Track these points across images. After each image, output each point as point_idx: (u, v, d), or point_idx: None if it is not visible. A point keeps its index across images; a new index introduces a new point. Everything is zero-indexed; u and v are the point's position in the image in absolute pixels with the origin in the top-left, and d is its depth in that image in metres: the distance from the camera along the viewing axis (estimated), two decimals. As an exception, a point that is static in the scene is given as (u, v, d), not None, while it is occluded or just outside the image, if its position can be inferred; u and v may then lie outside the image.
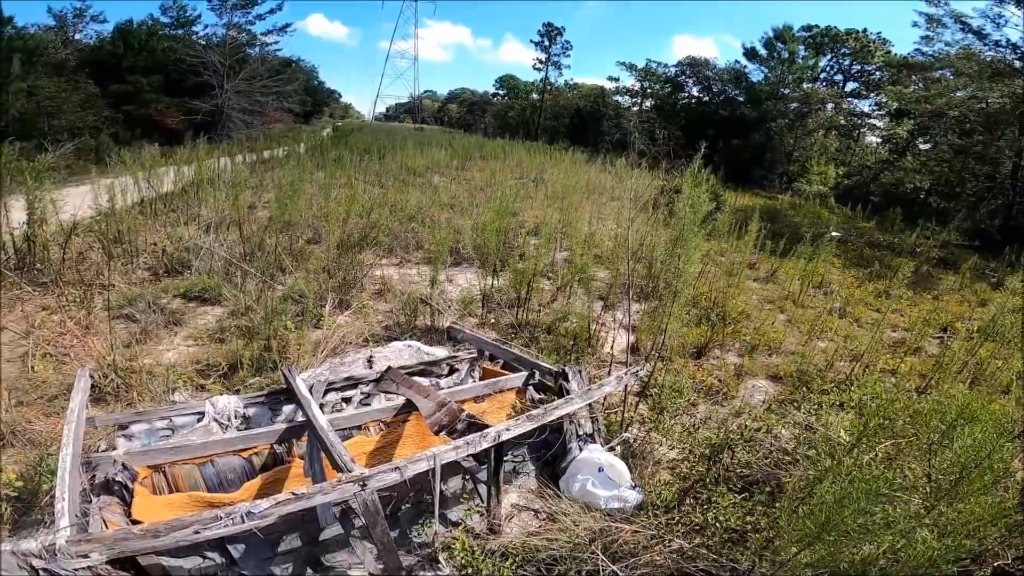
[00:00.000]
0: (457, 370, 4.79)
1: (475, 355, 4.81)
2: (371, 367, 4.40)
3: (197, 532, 2.27)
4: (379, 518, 2.79)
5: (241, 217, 7.93)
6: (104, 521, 2.74)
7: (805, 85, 20.45)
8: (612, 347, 6.09)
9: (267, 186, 12.33)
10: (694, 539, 3.04)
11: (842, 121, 21.27)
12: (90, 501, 2.84)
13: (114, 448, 3.28)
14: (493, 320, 6.41)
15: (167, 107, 23.86)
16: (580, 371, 4.12)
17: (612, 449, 3.99)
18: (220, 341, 5.58)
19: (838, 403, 5.01)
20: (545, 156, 18.77)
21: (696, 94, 27.74)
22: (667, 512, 3.36)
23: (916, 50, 17.55)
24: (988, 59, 15.25)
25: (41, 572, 2.01)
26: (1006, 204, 15.11)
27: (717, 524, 3.16)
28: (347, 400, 4.12)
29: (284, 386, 3.83)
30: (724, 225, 9.35)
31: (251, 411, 3.84)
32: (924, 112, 16.70)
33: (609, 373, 5.17)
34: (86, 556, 2.10)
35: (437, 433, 3.30)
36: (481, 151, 20.94)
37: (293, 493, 2.51)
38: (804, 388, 6.38)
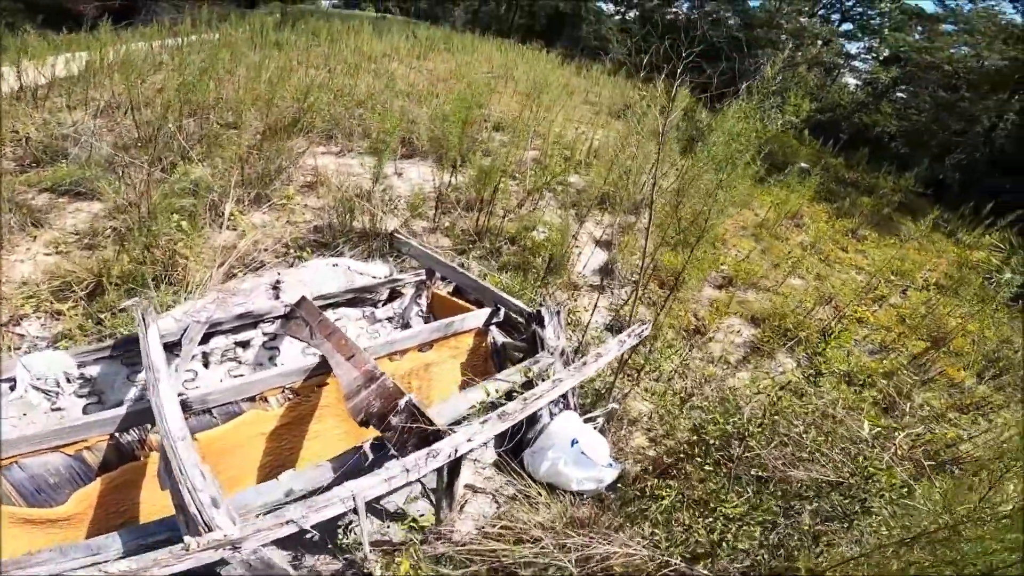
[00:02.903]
0: (400, 295, 3.53)
1: (422, 277, 3.54)
2: (277, 297, 3.06)
3: None
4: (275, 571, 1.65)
5: (134, 98, 5.98)
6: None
7: (802, 19, 18.79)
8: (584, 267, 4.98)
9: (187, 69, 10.02)
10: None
11: (827, 60, 20.00)
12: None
13: None
14: (448, 224, 5.07)
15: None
16: (559, 312, 2.95)
17: (592, 420, 2.94)
18: (90, 248, 4.06)
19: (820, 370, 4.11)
20: (517, 54, 16.63)
21: (684, 11, 25.25)
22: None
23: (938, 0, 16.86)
24: (1004, 22, 14.62)
25: None
26: (971, 160, 14.76)
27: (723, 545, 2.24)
28: (244, 345, 2.82)
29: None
30: (718, 146, 8.14)
31: (94, 370, 2.54)
32: (920, 62, 15.87)
33: (576, 298, 4.05)
34: None
35: (363, 424, 2.08)
36: (447, 44, 18.47)
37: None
38: (784, 336, 5.60)
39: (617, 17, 27.09)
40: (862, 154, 14.83)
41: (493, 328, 3.09)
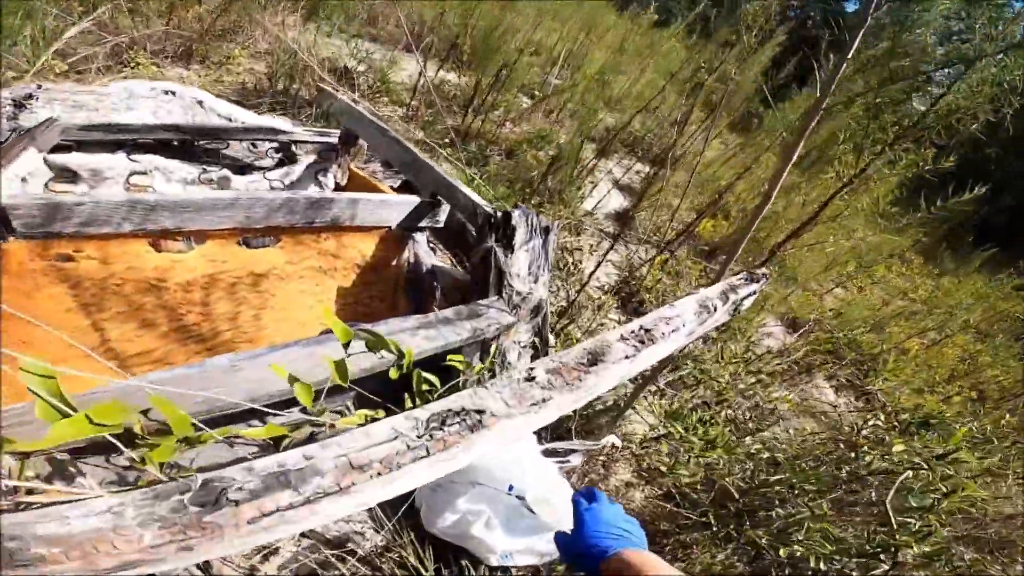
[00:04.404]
0: (292, 160, 1.99)
1: (333, 140, 1.99)
2: (16, 118, 1.49)
3: None
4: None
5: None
6: None
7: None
8: (595, 207, 3.43)
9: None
10: None
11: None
12: None
13: None
14: (429, 118, 3.46)
15: None
16: (547, 230, 1.42)
17: (560, 455, 1.44)
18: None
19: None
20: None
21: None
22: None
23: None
24: None
25: None
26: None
27: None
28: None
29: None
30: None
31: None
32: (1015, 88, 13.77)
33: (580, 242, 2.49)
34: None
35: None
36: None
37: None
38: (829, 353, 4.16)
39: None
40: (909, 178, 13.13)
41: (419, 237, 1.57)
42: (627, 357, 0.64)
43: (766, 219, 4.85)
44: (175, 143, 1.74)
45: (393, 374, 0.79)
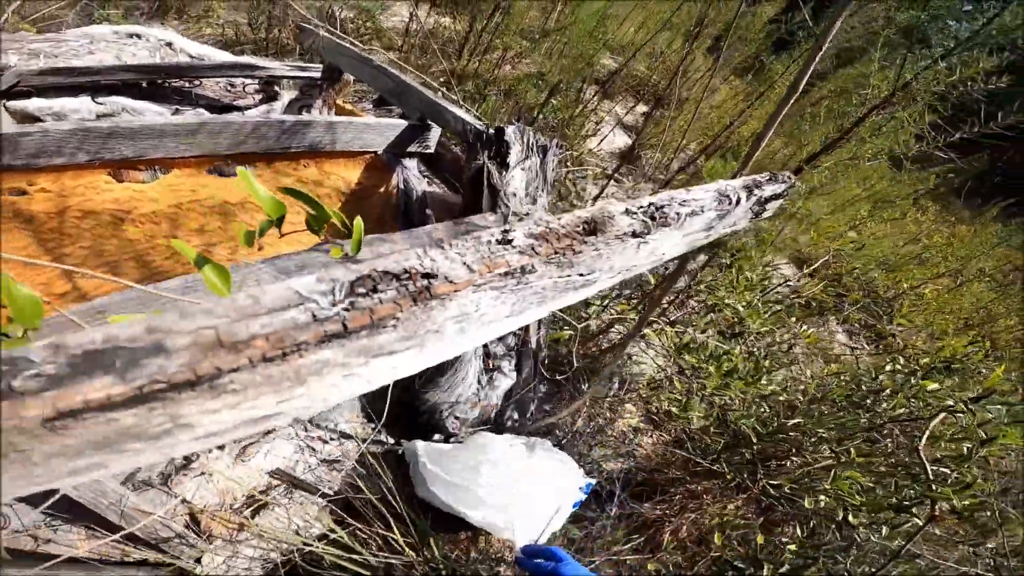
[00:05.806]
0: (274, 98, 1.83)
1: (315, 74, 1.82)
2: None
3: None
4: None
5: None
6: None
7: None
8: (598, 145, 3.26)
9: None
10: None
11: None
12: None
13: None
14: (422, 62, 3.27)
15: None
16: (544, 148, 1.27)
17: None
18: None
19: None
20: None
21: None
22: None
23: None
24: None
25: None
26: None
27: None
28: None
29: None
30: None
31: None
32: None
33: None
34: None
35: None
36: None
37: None
38: (838, 296, 4.02)
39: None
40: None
41: (408, 163, 1.43)
42: (635, 235, 0.49)
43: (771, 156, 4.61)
44: (143, 84, 1.59)
45: (335, 253, 0.72)
